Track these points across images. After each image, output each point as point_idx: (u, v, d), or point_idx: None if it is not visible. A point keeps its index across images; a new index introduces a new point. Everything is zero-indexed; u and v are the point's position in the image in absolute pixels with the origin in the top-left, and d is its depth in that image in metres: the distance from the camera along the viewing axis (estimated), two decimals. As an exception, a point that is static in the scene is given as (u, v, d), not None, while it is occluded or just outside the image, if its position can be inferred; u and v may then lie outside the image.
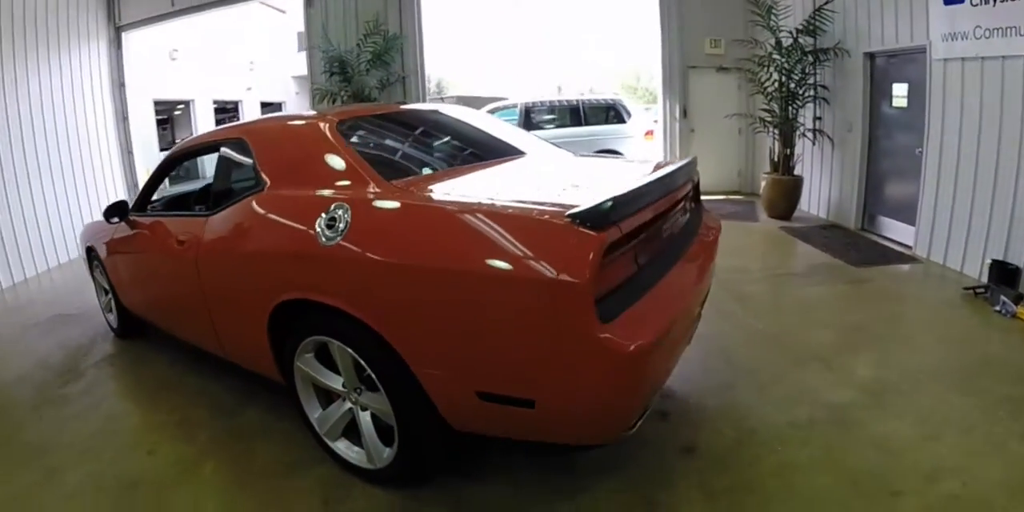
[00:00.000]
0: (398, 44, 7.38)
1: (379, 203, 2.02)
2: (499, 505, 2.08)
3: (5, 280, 5.95)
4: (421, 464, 2.10)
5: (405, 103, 6.39)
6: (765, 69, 6.35)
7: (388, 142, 2.73)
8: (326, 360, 2.22)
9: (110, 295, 4.00)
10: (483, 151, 2.83)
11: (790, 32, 6.14)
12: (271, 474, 2.40)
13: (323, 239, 2.00)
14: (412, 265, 1.80)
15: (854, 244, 5.36)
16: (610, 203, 1.62)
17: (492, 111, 9.58)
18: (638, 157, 8.15)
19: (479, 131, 3.09)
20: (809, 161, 6.61)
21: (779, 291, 4.20)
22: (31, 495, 2.40)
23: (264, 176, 2.38)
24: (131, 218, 3.33)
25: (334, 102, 7.43)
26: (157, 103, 15.24)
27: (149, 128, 13.37)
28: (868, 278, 4.44)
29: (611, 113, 8.93)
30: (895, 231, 5.39)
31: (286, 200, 2.27)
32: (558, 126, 9.05)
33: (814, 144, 6.45)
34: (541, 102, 9.31)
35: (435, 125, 3.08)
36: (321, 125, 2.41)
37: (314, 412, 2.36)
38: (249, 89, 17.42)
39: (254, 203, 2.36)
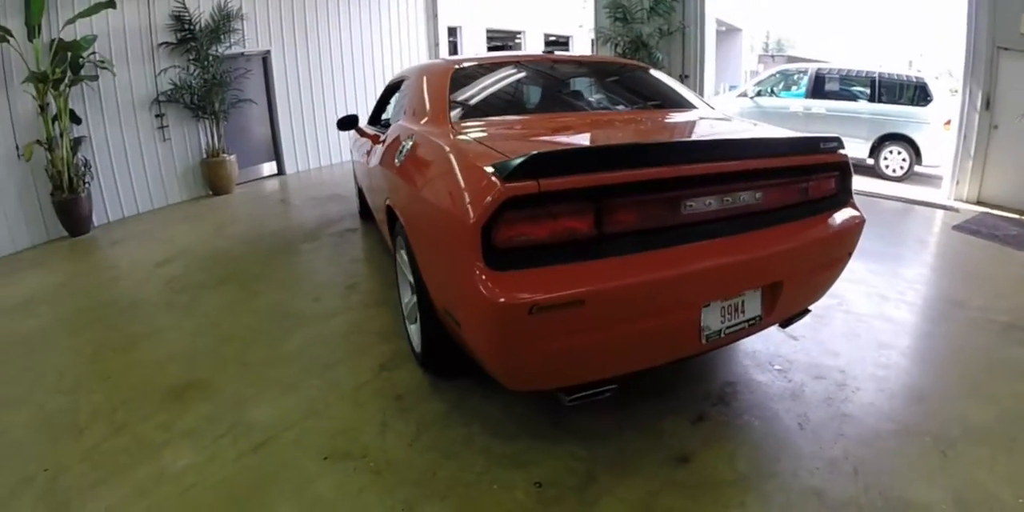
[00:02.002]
0: (678, -6, 7.09)
1: (425, 137, 2.35)
2: (479, 418, 2.31)
3: (315, 163, 8.02)
4: (430, 358, 2.47)
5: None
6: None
7: (498, 86, 2.91)
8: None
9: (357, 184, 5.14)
10: (604, 102, 3.00)
11: None
12: (371, 334, 3.06)
13: (396, 160, 2.49)
14: (413, 189, 2.19)
15: None
16: (521, 159, 1.59)
17: (779, 73, 8.70)
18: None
19: (613, 85, 3.18)
20: None
21: (978, 342, 3.03)
22: (234, 305, 3.53)
23: (402, 108, 2.96)
24: (359, 127, 4.17)
25: (616, 47, 7.57)
26: (490, 31, 17.15)
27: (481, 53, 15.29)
28: None
29: (915, 93, 7.33)
30: None
31: (399, 129, 2.79)
32: (845, 98, 7.81)
33: None
34: (834, 69, 8.07)
35: (572, 74, 3.20)
36: (444, 70, 2.79)
37: (404, 298, 2.87)
38: (581, 26, 18.24)
39: (392, 129, 2.97)
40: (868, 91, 7.64)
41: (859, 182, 7.08)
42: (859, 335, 3.07)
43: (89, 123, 5.45)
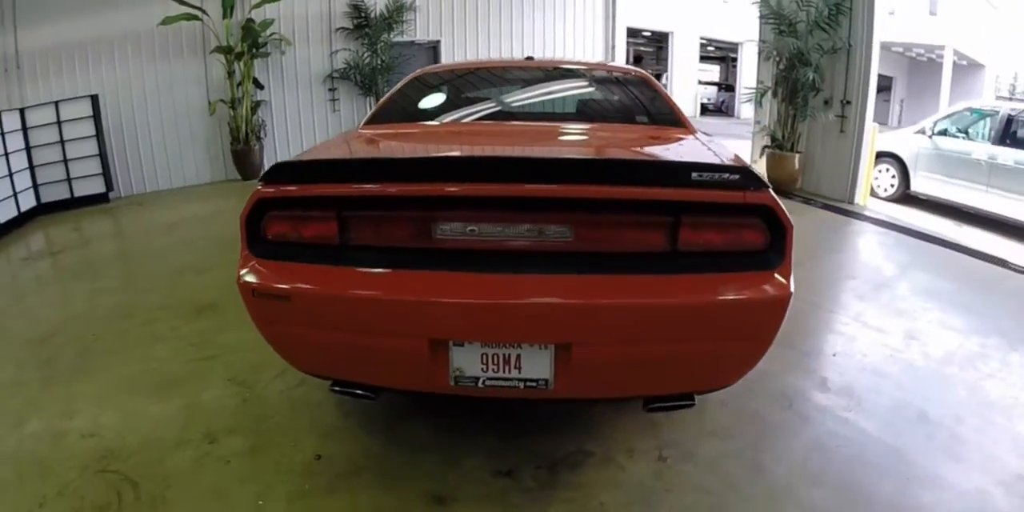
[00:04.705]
0: (845, 8, 6.44)
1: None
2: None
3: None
4: None
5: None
6: None
7: (437, 93, 3.05)
8: None
9: None
10: (540, 113, 3.04)
11: None
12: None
13: None
14: None
15: None
16: (271, 166, 1.79)
17: (969, 110, 7.38)
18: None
19: (572, 96, 3.12)
20: None
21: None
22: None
23: None
24: None
25: (778, 63, 7.21)
26: (706, 40, 16.64)
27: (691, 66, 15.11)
28: None
29: None
30: None
31: None
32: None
33: None
34: (1034, 112, 6.65)
35: (529, 82, 3.14)
36: (411, 76, 3.10)
37: None
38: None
39: None
40: (1076, 145, 6.24)
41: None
42: (829, 451, 2.16)
43: (271, 90, 6.80)
